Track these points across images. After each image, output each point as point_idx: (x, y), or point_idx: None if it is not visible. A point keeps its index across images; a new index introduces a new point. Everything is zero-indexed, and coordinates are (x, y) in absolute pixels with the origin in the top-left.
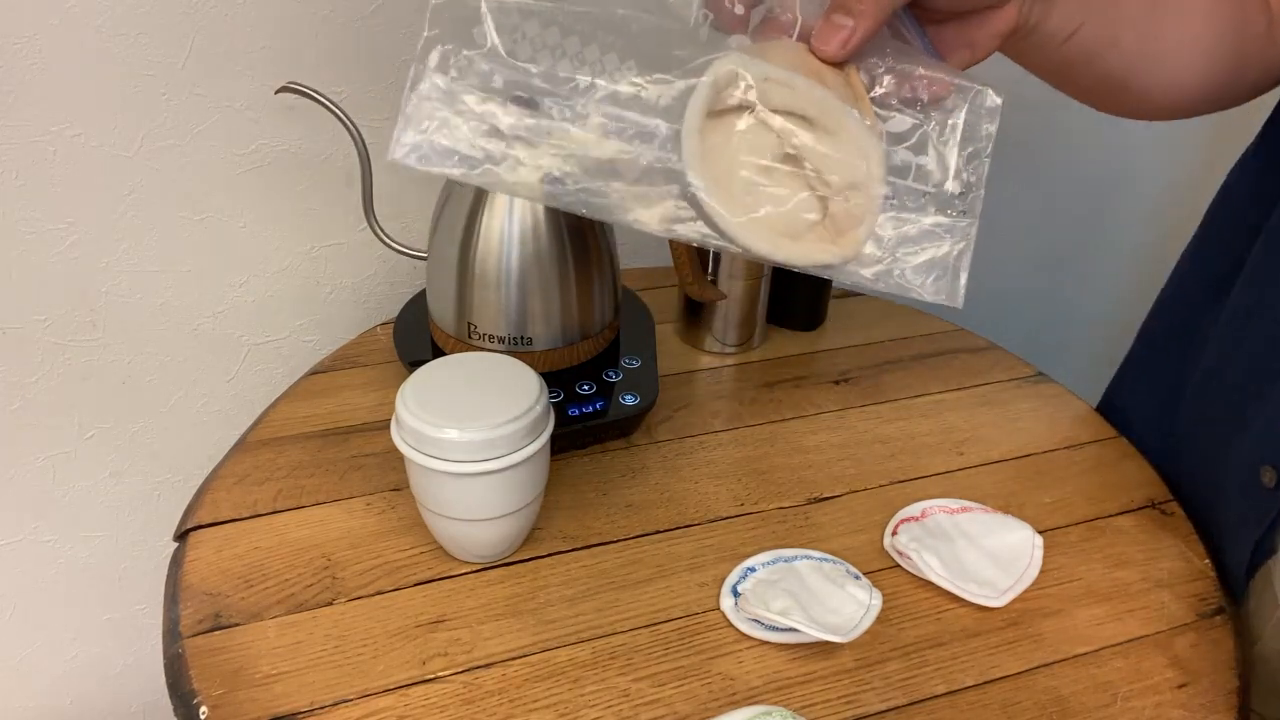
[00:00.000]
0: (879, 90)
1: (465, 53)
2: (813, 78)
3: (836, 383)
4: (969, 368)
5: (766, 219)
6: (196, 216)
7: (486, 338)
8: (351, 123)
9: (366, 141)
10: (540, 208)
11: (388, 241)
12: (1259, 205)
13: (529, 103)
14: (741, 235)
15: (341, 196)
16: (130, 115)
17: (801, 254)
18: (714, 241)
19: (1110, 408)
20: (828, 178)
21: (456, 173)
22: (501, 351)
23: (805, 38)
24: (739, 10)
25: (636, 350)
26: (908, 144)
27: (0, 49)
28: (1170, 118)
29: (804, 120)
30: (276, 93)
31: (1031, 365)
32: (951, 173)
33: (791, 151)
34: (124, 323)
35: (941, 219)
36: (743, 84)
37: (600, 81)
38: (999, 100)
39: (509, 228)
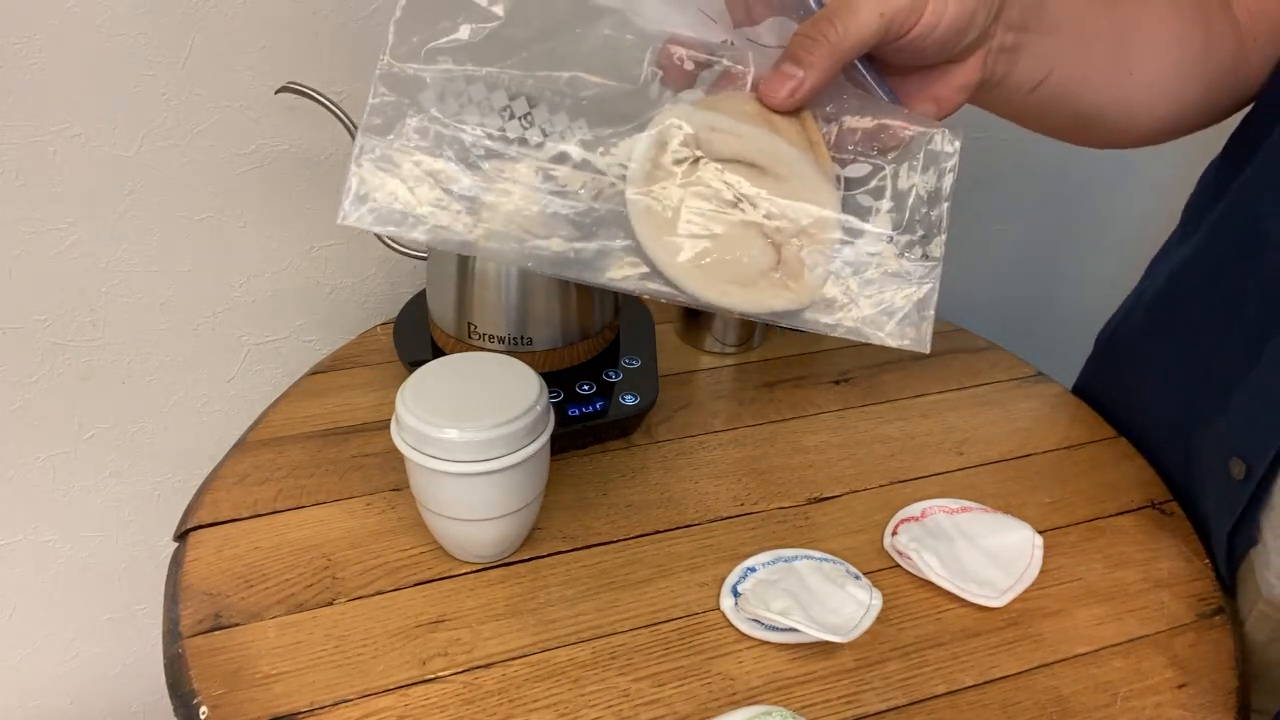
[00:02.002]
0: (833, 136)
1: (411, 118)
2: (764, 126)
3: (836, 383)
4: (969, 368)
5: (714, 266)
6: (196, 216)
7: (486, 338)
8: (351, 123)
9: None
10: None
11: (388, 242)
12: (1218, 200)
13: (476, 164)
14: (687, 283)
15: (342, 196)
16: (130, 115)
17: (752, 300)
18: (672, 294)
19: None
20: (778, 223)
21: (409, 232)
22: (501, 351)
23: (737, 77)
24: (688, 66)
25: (636, 350)
26: (865, 189)
27: (0, 49)
28: (1146, 145)
29: (754, 168)
30: (276, 93)
31: (1031, 365)
32: (910, 217)
33: (738, 201)
34: (124, 323)
35: (905, 264)
36: (682, 134)
37: (549, 142)
38: (957, 144)
39: None
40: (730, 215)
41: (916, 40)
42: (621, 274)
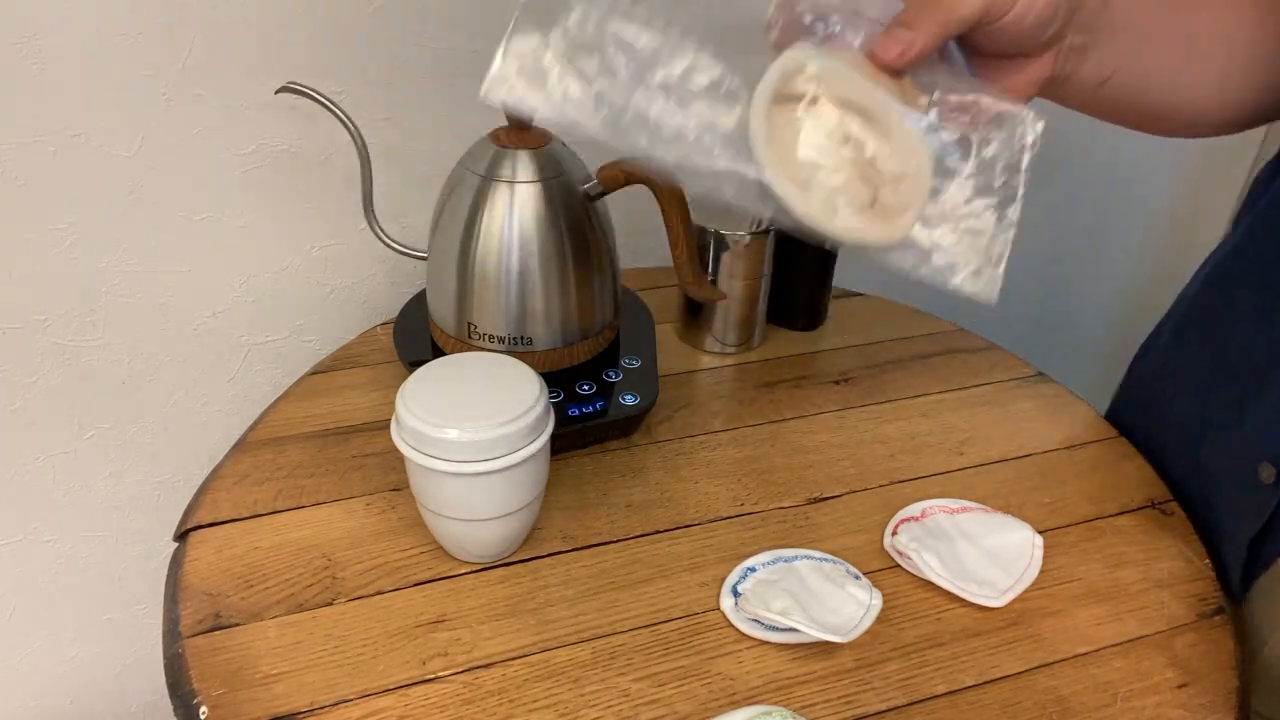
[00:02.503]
0: (929, 102)
1: (561, 17)
2: (872, 73)
3: (836, 383)
4: (969, 368)
5: (821, 195)
6: (196, 216)
7: (486, 338)
8: (351, 123)
9: (366, 141)
10: (540, 208)
11: (388, 241)
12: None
13: (613, 67)
14: (798, 204)
15: (341, 196)
16: (130, 115)
17: (850, 230)
18: (779, 212)
19: (1133, 399)
20: (881, 166)
21: (538, 112)
22: (501, 351)
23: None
24: (806, 20)
25: (636, 350)
26: (953, 155)
27: (0, 49)
28: (1219, 135)
29: (863, 115)
30: (276, 93)
31: (1031, 365)
32: (992, 183)
33: (848, 139)
34: (124, 323)
35: (983, 222)
36: (810, 69)
37: (679, 58)
38: (1040, 126)
39: (509, 228)
40: (840, 151)
41: (1009, 26)
42: (733, 190)
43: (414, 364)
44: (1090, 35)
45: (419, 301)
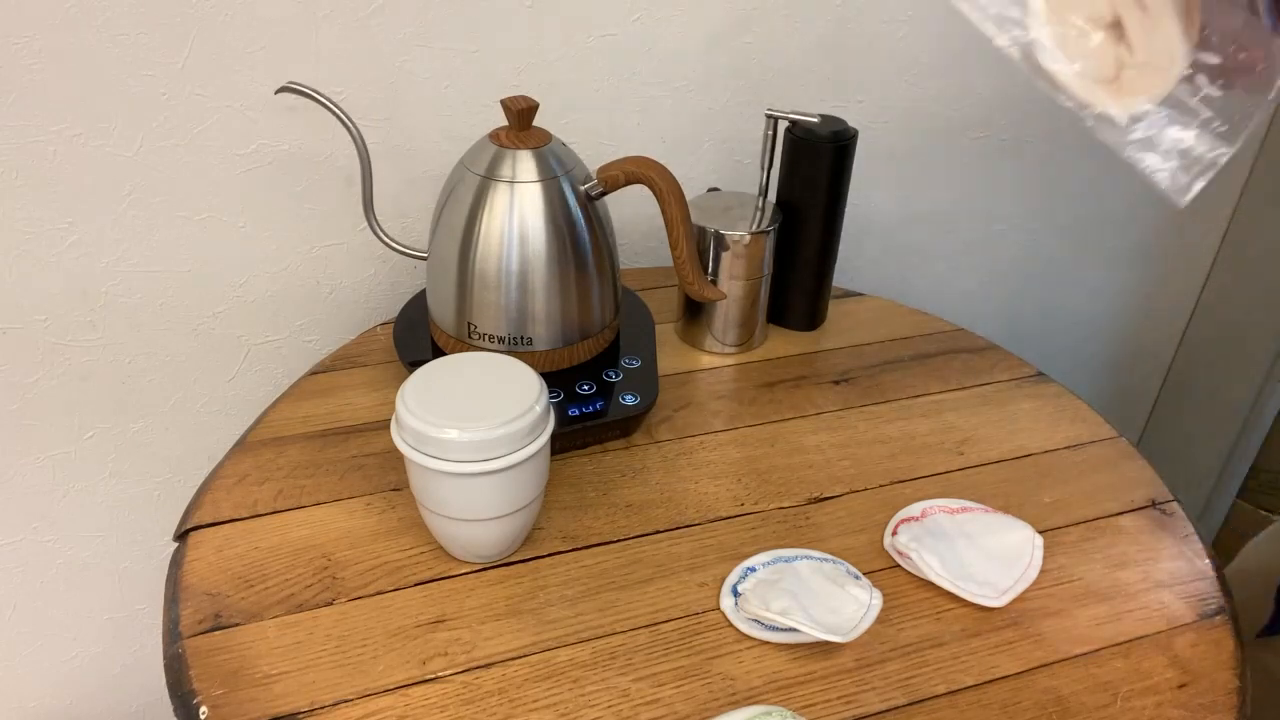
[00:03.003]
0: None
1: None
2: None
3: (836, 383)
4: (969, 368)
5: (1072, 45)
6: (196, 216)
7: (486, 338)
8: (351, 123)
9: (366, 141)
10: (540, 208)
11: (388, 241)
12: None
13: None
14: (1047, 52)
15: (341, 196)
16: (130, 115)
17: (1083, 89)
18: (1026, 47)
19: None
20: (1135, 48)
21: None
22: (501, 351)
23: None
24: None
25: (636, 350)
26: (1205, 73)
27: (0, 49)
28: None
29: (1140, 4)
30: (276, 93)
31: (1031, 365)
32: (1232, 108)
33: (1116, 16)
34: (124, 323)
35: (1207, 135)
36: None
37: None
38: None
39: (509, 228)
40: (1102, 21)
41: None
42: (1002, 25)
43: (414, 364)
44: None
45: (419, 301)
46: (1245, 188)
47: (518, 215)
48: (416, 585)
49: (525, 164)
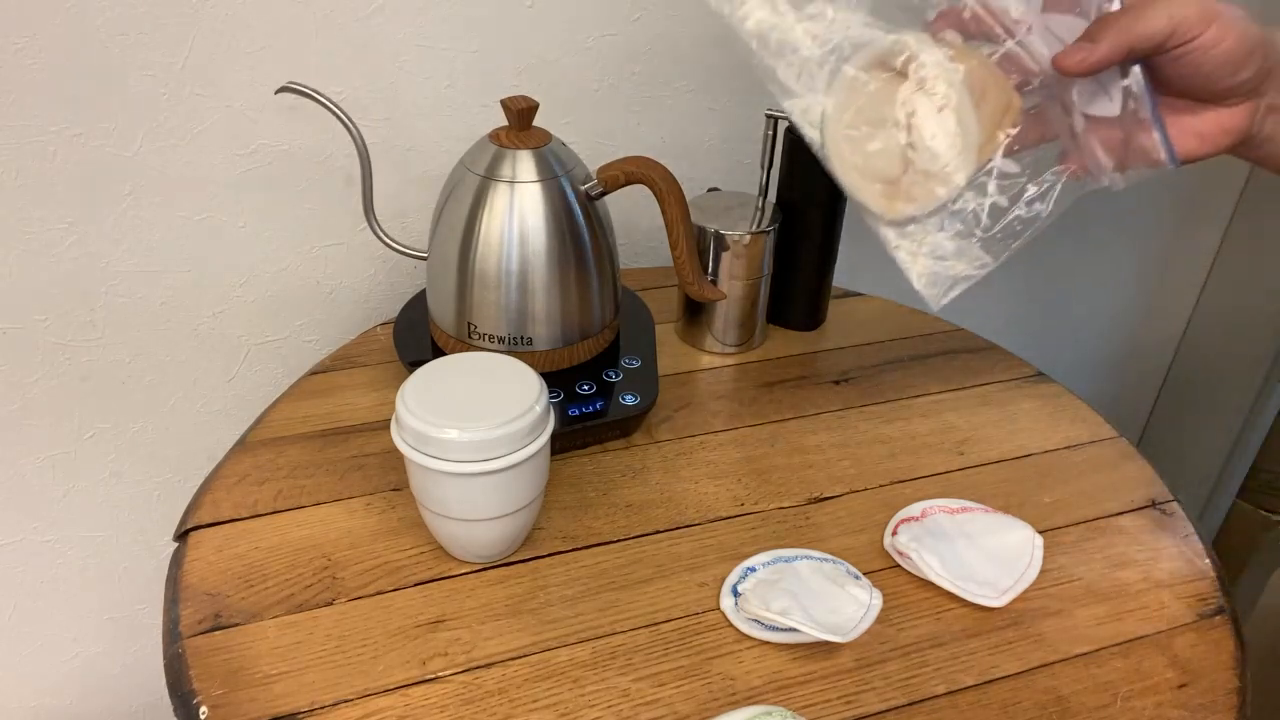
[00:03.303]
0: (1016, 128)
1: None
2: (977, 91)
3: (836, 383)
4: (969, 368)
5: (855, 145)
6: (196, 216)
7: (486, 338)
8: (351, 123)
9: (366, 141)
10: (540, 208)
11: (388, 241)
12: None
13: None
14: (830, 142)
15: (341, 196)
16: (130, 115)
17: (856, 186)
18: (812, 141)
19: None
20: (919, 157)
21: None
22: (501, 351)
23: (1012, 60)
24: (965, 15)
25: (636, 350)
26: (1002, 181)
27: (0, 49)
28: None
29: (937, 111)
30: (276, 93)
31: (1032, 365)
32: (1004, 225)
33: (907, 126)
34: (124, 323)
35: (972, 247)
36: (906, 57)
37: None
38: (1079, 194)
39: (509, 228)
40: (893, 127)
41: (1197, 54)
42: (800, 105)
43: (414, 364)
44: None
45: (419, 301)
46: (1245, 188)
47: (518, 215)
48: (416, 585)
49: (525, 164)
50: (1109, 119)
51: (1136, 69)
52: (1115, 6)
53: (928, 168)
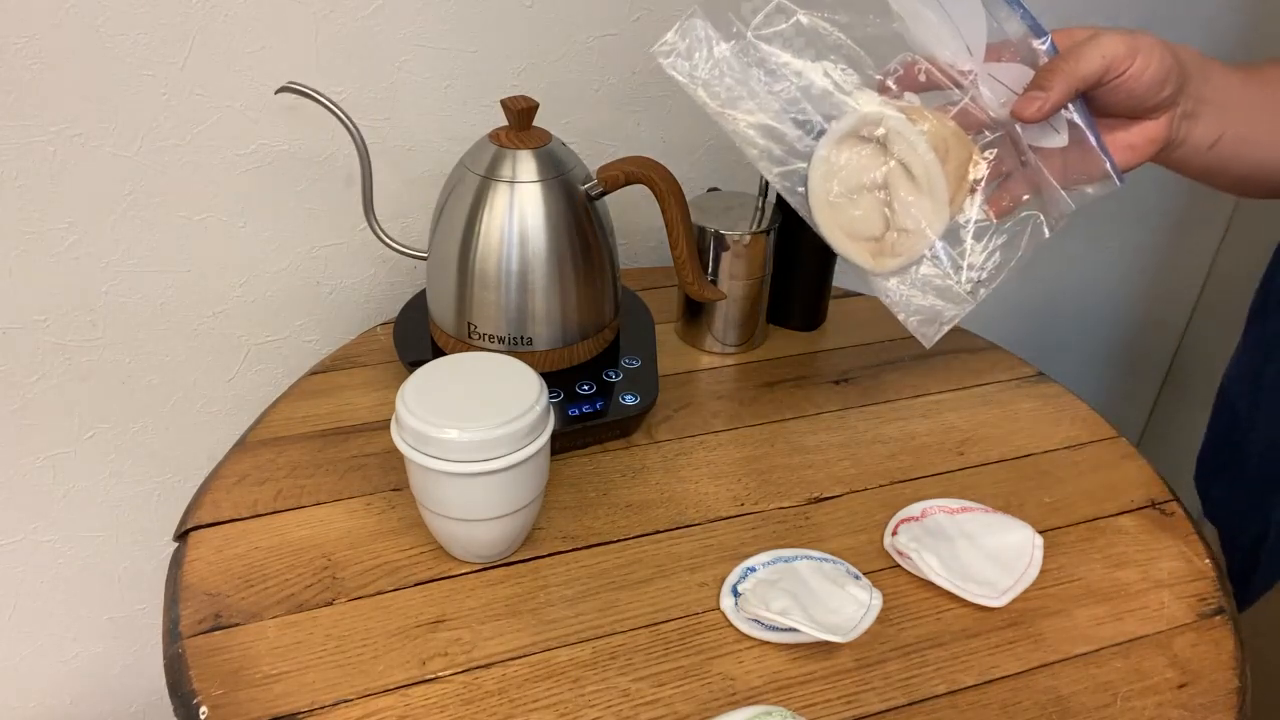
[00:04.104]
0: (981, 178)
1: (733, 21)
2: (941, 149)
3: (836, 383)
4: (969, 368)
5: (838, 209)
6: (196, 216)
7: (486, 338)
8: (351, 123)
9: (366, 141)
10: (540, 208)
11: (388, 241)
12: None
13: (749, 66)
14: (818, 216)
15: (341, 196)
16: (130, 115)
17: (846, 250)
18: (800, 207)
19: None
20: (897, 216)
21: (683, 82)
22: (501, 351)
23: (966, 113)
24: (921, 79)
25: (636, 350)
26: (971, 229)
27: (0, 49)
28: None
29: (908, 173)
30: (276, 93)
31: (1032, 365)
32: (980, 267)
33: (882, 186)
34: (124, 323)
35: (955, 288)
36: (882, 128)
37: (813, 77)
38: (1045, 235)
39: (509, 228)
40: (871, 190)
41: (1129, 82)
42: (781, 180)
43: (414, 364)
44: (1199, 103)
45: (419, 301)
46: None
47: (518, 215)
48: (416, 585)
49: (525, 164)
50: (1056, 150)
51: (1077, 103)
52: (1047, 51)
53: (906, 226)
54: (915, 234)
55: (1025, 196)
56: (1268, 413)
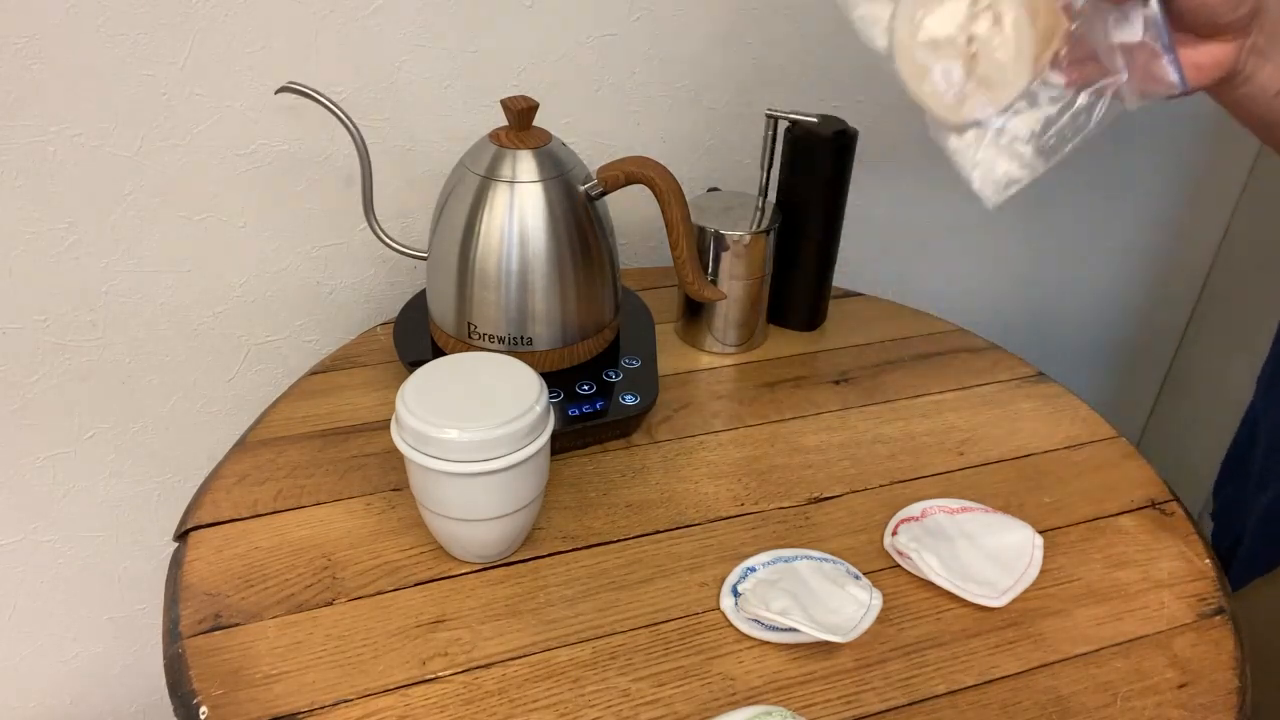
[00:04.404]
0: (1063, 51)
1: None
2: (1031, 11)
3: (836, 383)
4: (969, 368)
5: (919, 61)
6: (196, 216)
7: (486, 338)
8: (351, 123)
9: (366, 141)
10: (540, 208)
11: (388, 241)
12: None
13: None
14: (899, 58)
15: (341, 196)
16: (130, 115)
17: (919, 90)
18: (883, 54)
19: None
20: (979, 64)
21: None
22: (501, 351)
23: None
24: None
25: (636, 350)
26: (1050, 94)
27: (0, 49)
28: None
29: (998, 24)
30: (276, 93)
31: (1031, 365)
32: (1053, 132)
33: (970, 40)
34: (124, 323)
35: (1025, 151)
36: None
37: None
38: (1119, 112)
39: (509, 228)
40: (957, 38)
41: None
42: (870, 13)
43: (414, 364)
44: (1272, 41)
45: (419, 301)
46: (1245, 187)
47: (518, 215)
48: (416, 585)
49: (525, 164)
50: (1132, 45)
51: (1154, 2)
52: None
53: (990, 77)
54: (996, 86)
55: (1101, 80)
56: (1274, 415)
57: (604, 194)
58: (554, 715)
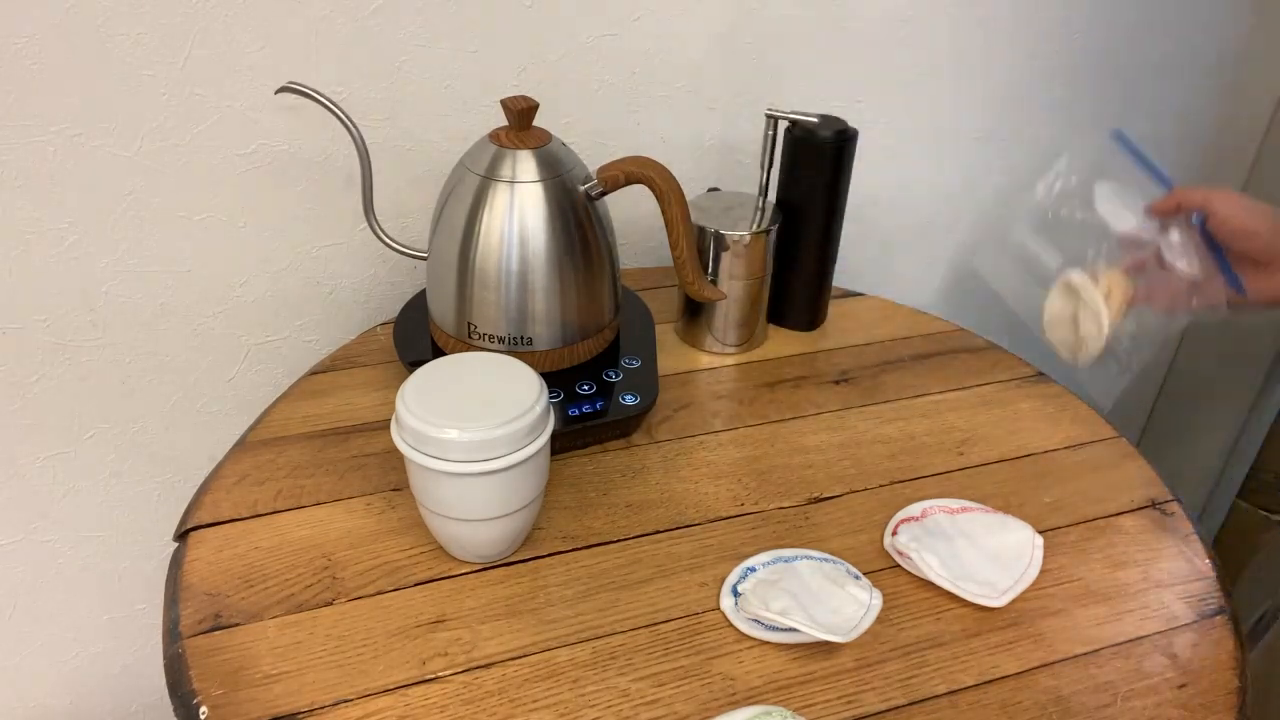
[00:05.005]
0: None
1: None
2: (1105, 291)
3: (836, 383)
4: (969, 368)
5: (1055, 328)
6: (196, 216)
7: (486, 338)
8: (351, 123)
9: (366, 141)
10: (540, 208)
11: (388, 241)
12: None
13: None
14: (1046, 324)
15: (341, 196)
16: (130, 115)
17: (1056, 343)
18: (1032, 319)
19: None
20: (1080, 333)
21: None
22: (501, 351)
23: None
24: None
25: (636, 350)
26: (1125, 338)
27: (0, 49)
28: None
29: (1087, 306)
30: (276, 93)
31: (1031, 365)
32: (1131, 356)
33: (1076, 319)
34: (124, 323)
35: (1115, 366)
36: (1075, 281)
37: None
38: (1170, 327)
39: (509, 228)
40: (1069, 317)
41: (1219, 224)
42: (1018, 294)
43: (414, 364)
44: None
45: (419, 301)
46: (1245, 187)
47: (518, 215)
48: (416, 585)
49: (525, 164)
50: (1187, 274)
51: (1198, 232)
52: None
53: (1086, 336)
54: (1089, 342)
55: (1163, 303)
56: None
57: (604, 194)
58: (554, 715)
